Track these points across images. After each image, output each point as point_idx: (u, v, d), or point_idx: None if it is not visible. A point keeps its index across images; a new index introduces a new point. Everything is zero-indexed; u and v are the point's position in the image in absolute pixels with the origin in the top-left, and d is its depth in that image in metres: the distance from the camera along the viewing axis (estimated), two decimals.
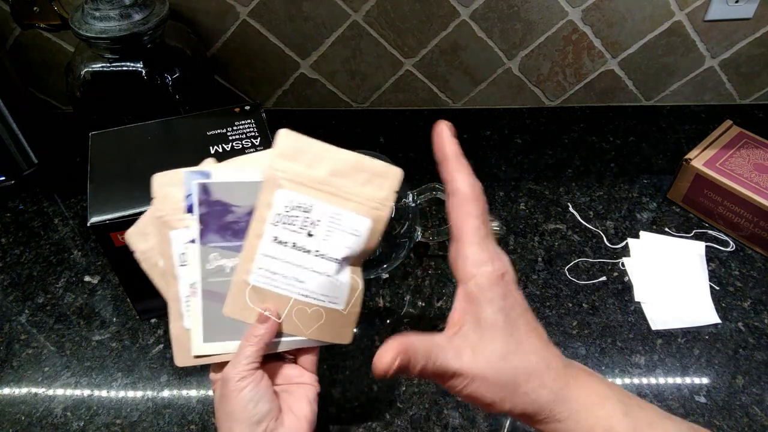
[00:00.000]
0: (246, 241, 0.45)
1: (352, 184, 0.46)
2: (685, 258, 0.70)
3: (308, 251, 0.45)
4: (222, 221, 0.45)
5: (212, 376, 0.47)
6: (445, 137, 0.38)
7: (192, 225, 0.45)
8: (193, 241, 0.45)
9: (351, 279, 0.47)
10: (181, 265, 0.45)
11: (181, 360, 0.46)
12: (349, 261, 0.47)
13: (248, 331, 0.44)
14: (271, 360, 0.48)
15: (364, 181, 0.46)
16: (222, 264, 0.45)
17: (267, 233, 0.45)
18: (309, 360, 0.48)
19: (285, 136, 0.45)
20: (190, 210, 0.45)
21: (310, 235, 0.45)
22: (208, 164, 0.47)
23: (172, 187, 0.45)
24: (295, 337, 0.46)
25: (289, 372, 0.48)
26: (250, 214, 0.45)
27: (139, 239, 0.47)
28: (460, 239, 0.36)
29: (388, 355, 0.34)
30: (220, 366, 0.45)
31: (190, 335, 0.45)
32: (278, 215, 0.44)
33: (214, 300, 0.45)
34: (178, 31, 0.75)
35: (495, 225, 0.43)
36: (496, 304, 0.35)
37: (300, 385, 0.47)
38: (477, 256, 0.35)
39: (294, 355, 0.49)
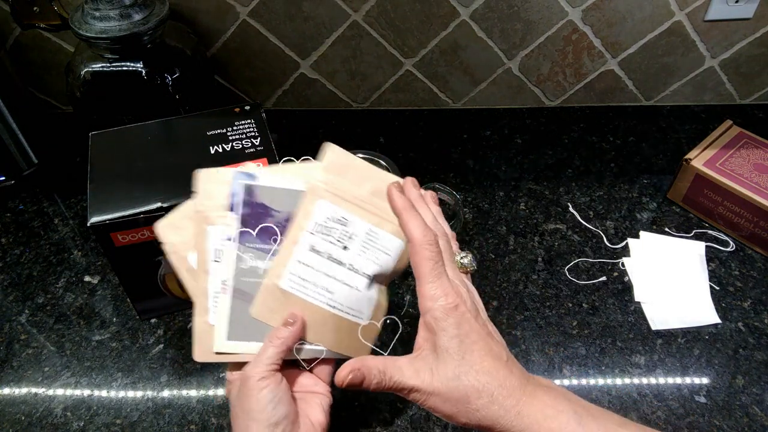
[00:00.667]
0: (282, 246, 0.46)
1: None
2: (685, 258, 0.70)
3: (342, 263, 0.46)
4: (262, 223, 0.46)
5: (229, 375, 0.47)
6: (394, 196, 0.44)
7: (232, 223, 0.46)
8: (230, 239, 0.46)
9: (377, 296, 0.48)
10: (215, 261, 0.46)
11: (200, 355, 0.46)
12: (378, 279, 0.48)
13: (272, 332, 0.45)
14: (287, 367, 0.48)
15: None
16: (256, 265, 0.46)
17: (304, 241, 0.46)
18: (325, 370, 0.48)
19: (332, 151, 0.47)
20: (232, 208, 0.46)
21: (345, 248, 0.46)
22: (252, 168, 0.48)
23: (215, 185, 0.47)
24: (315, 346, 0.47)
25: (304, 380, 0.48)
26: (288, 220, 0.46)
27: (170, 231, 0.48)
28: (418, 279, 0.41)
29: (344, 371, 0.40)
30: (238, 366, 0.46)
31: (214, 331, 0.46)
32: (317, 225, 0.46)
33: (243, 299, 0.46)
34: (178, 31, 0.75)
35: (467, 260, 0.45)
36: (450, 332, 0.40)
37: (314, 394, 0.47)
38: (432, 292, 0.40)
39: (310, 364, 0.49)
